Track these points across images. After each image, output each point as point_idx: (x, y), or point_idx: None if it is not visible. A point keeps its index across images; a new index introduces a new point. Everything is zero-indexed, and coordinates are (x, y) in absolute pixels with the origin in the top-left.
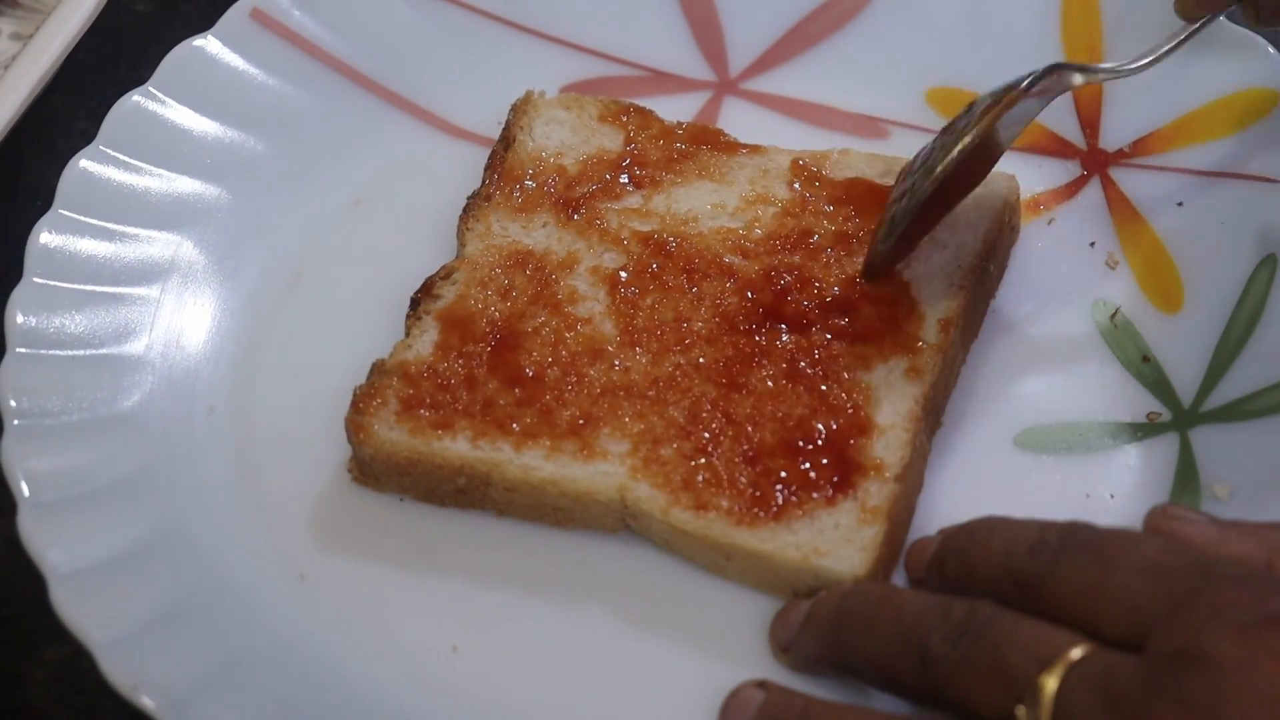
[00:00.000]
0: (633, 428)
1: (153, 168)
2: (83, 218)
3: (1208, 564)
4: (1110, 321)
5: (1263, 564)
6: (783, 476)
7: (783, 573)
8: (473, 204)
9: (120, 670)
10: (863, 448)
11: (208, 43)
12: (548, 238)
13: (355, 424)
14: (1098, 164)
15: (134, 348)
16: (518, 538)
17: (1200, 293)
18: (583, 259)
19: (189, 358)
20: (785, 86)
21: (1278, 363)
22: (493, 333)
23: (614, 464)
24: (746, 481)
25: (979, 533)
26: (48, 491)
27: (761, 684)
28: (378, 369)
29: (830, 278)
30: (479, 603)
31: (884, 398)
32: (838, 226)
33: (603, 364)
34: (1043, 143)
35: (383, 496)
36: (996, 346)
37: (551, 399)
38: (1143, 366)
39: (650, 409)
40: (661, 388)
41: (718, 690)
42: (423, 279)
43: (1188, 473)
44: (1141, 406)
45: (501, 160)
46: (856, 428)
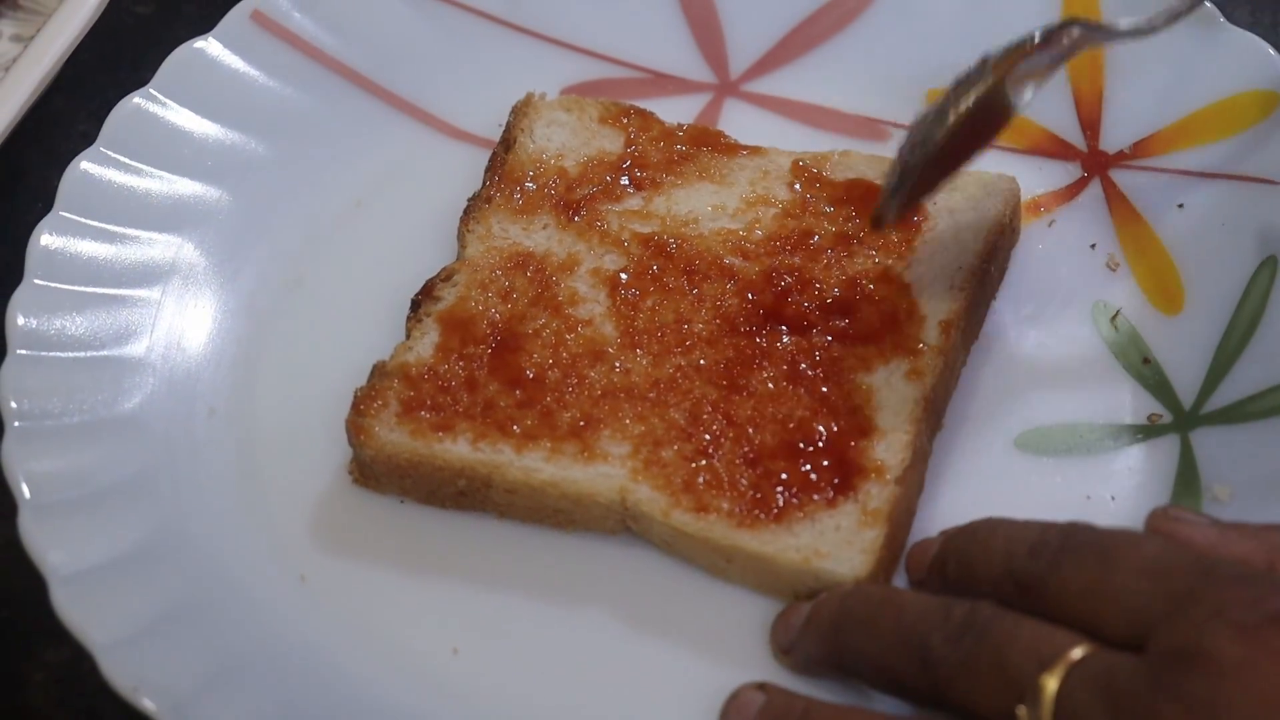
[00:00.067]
0: (633, 429)
1: (153, 169)
2: (83, 219)
3: (1208, 564)
4: (1111, 323)
5: (1264, 565)
6: (783, 478)
7: (783, 575)
8: (473, 206)
9: (121, 672)
10: (863, 450)
11: (208, 45)
12: (548, 239)
13: (356, 426)
14: (1098, 165)
15: (135, 349)
16: (518, 539)
17: (1201, 294)
18: (583, 261)
19: (190, 359)
20: (786, 88)
21: (1278, 364)
22: (493, 334)
23: (615, 466)
24: (747, 483)
25: (980, 534)
26: (48, 493)
27: (762, 686)
28: (378, 371)
29: (831, 279)
30: (479, 604)
31: (885, 400)
32: (838, 228)
33: (603, 366)
34: (1043, 144)
35: (383, 498)
36: (997, 348)
37: (552, 401)
38: (1143, 368)
39: (651, 411)
40: (662, 389)
41: (718, 692)
42: (423, 281)
43: (1189, 474)
44: (1142, 408)
45: (502, 162)
46: (857, 430)
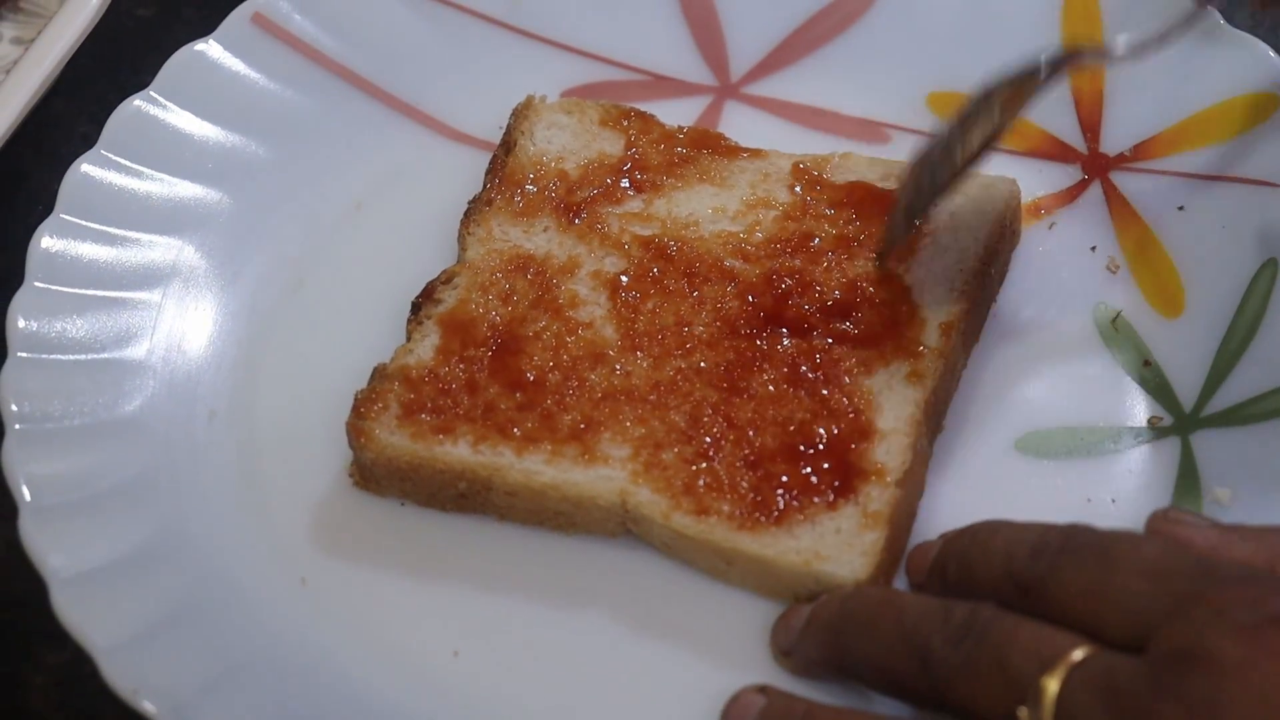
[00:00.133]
0: (634, 432)
1: (154, 172)
2: (84, 222)
3: (1209, 566)
4: (1111, 326)
5: (1264, 567)
6: (784, 481)
7: (784, 577)
8: (474, 208)
9: (121, 675)
10: (864, 452)
11: (209, 47)
12: (549, 242)
13: (356, 428)
14: (1099, 168)
15: (135, 352)
16: (519, 542)
17: (1201, 297)
18: (584, 263)
19: (190, 362)
20: (786, 91)
21: (1279, 367)
22: (494, 337)
23: (615, 468)
24: (748, 486)
25: (980, 536)
26: (49, 496)
27: (763, 689)
28: (379, 373)
29: (831, 282)
30: (480, 607)
31: (885, 402)
32: (839, 230)
33: (604, 368)
34: (1043, 147)
35: (384, 501)
36: (998, 351)
37: (553, 403)
38: (1144, 371)
39: (651, 413)
40: (663, 392)
41: (719, 695)
42: (424, 283)
43: (1189, 477)
44: (1143, 411)
45: (502, 164)
46: (858, 432)
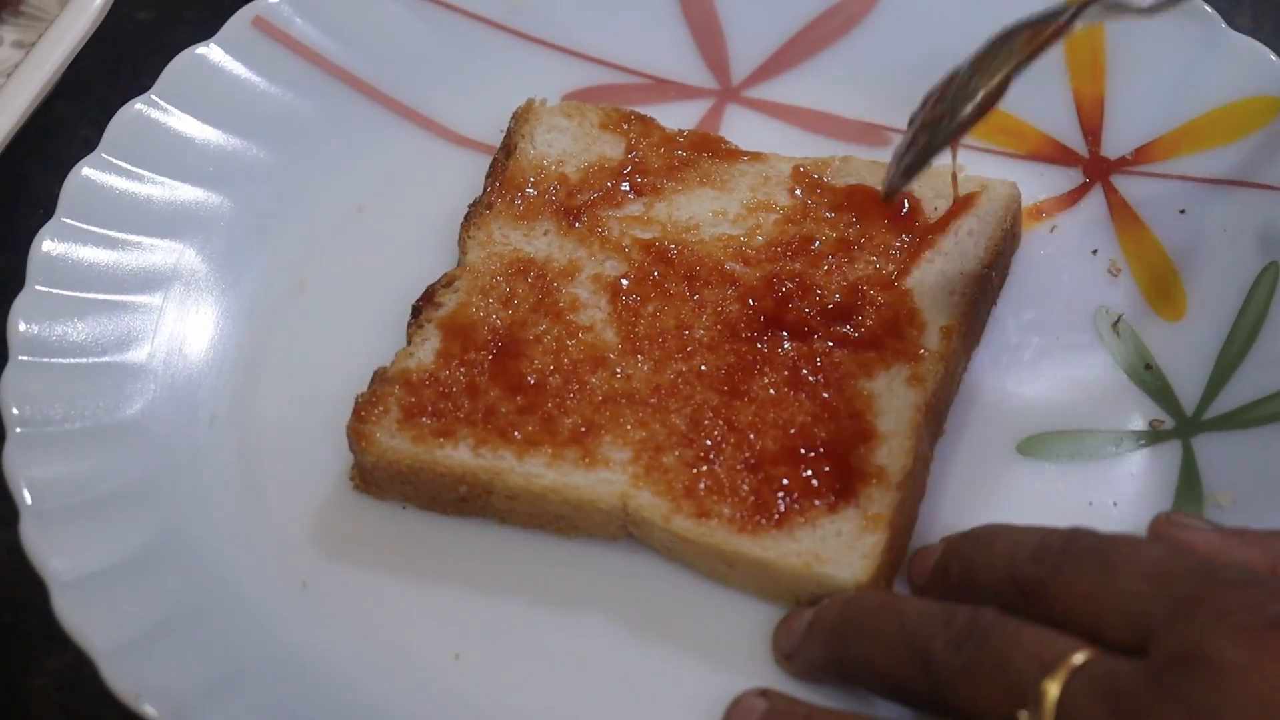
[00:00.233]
0: (634, 435)
1: (155, 175)
2: (85, 225)
3: (1210, 569)
4: (1113, 329)
5: (1266, 571)
6: (785, 484)
7: (785, 580)
8: (474, 212)
9: (122, 678)
10: (865, 455)
11: (210, 51)
12: (549, 245)
13: (357, 432)
14: (1100, 171)
15: (136, 355)
16: (520, 545)
17: (1203, 300)
18: (584, 267)
19: (191, 365)
20: (787, 94)
21: None
22: (494, 340)
23: (616, 471)
24: (748, 489)
25: (982, 539)
26: (50, 499)
27: (764, 692)
28: (379, 377)
29: (832, 285)
30: (481, 610)
31: (886, 405)
32: (839, 233)
33: (604, 371)
34: (1044, 150)
35: (384, 504)
36: (999, 354)
37: (553, 407)
38: (1145, 374)
39: (652, 416)
40: (663, 395)
41: (720, 698)
42: (424, 287)
43: (1191, 480)
44: (1144, 414)
45: (503, 168)
46: (858, 435)
